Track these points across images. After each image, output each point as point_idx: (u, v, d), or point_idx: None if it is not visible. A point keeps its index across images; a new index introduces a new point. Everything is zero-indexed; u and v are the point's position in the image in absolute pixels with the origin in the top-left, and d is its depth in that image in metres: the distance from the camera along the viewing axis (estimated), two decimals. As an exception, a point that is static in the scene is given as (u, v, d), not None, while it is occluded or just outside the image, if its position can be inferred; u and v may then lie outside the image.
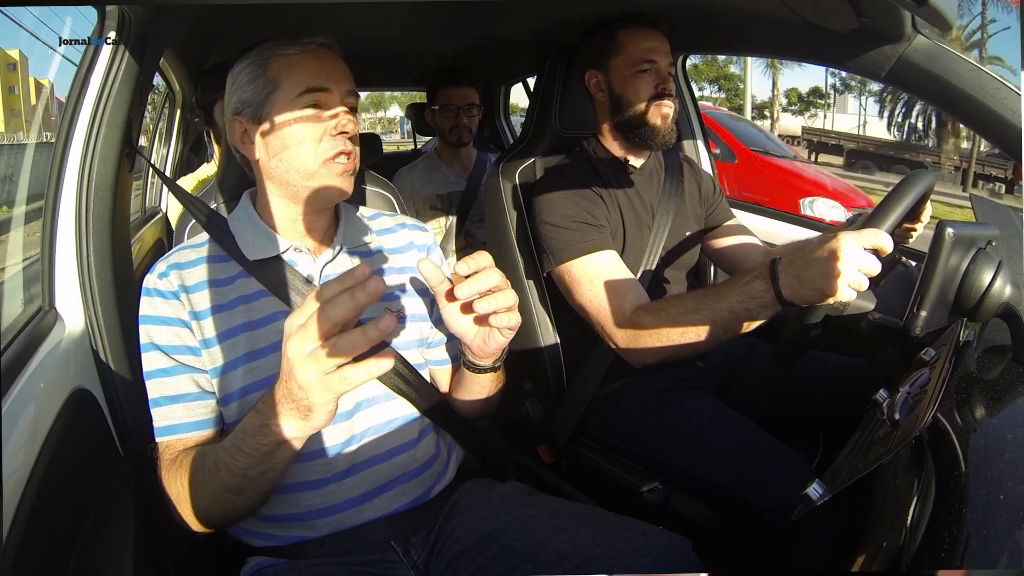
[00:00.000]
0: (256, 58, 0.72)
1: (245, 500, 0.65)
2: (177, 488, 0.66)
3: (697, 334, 0.87)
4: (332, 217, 0.80)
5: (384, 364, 0.51)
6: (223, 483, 0.63)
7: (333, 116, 0.72)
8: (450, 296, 0.65)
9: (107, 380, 0.82)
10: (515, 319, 0.64)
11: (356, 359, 0.52)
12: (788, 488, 0.81)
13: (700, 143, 1.56)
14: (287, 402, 0.56)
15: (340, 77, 0.73)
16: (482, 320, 0.66)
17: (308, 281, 0.74)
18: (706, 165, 1.54)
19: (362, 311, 0.50)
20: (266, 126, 0.72)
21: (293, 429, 0.57)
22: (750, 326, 0.84)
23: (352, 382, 0.52)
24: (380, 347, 0.72)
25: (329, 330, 0.50)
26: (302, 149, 0.71)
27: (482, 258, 0.62)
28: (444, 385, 0.83)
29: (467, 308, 0.65)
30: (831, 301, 0.73)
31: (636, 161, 1.10)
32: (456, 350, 0.81)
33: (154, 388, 0.70)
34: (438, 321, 0.82)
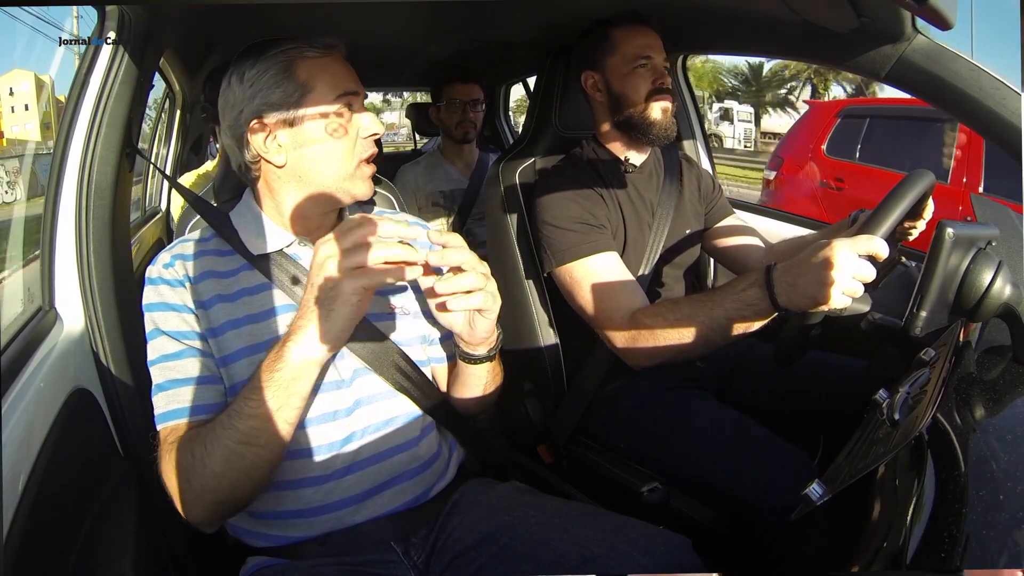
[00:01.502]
0: (275, 61, 0.71)
1: (259, 454, 0.63)
2: (173, 472, 0.64)
3: (694, 339, 0.88)
4: (336, 215, 0.80)
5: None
6: (237, 434, 0.62)
7: (363, 120, 0.74)
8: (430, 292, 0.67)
9: (107, 380, 0.83)
10: (478, 301, 0.64)
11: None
12: (788, 487, 0.81)
13: (699, 143, 1.56)
14: (309, 310, 0.62)
15: (359, 81, 0.75)
16: (444, 306, 0.66)
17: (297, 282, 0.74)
18: (705, 164, 1.54)
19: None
20: (301, 127, 0.71)
21: (312, 344, 0.62)
22: (748, 330, 0.85)
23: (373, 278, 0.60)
24: (372, 332, 0.75)
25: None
26: (341, 150, 0.72)
27: (453, 237, 0.64)
28: (444, 383, 0.83)
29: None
30: (825, 309, 0.73)
31: (636, 159, 1.11)
32: (452, 348, 0.81)
33: (159, 373, 0.70)
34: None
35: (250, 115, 0.71)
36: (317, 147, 0.72)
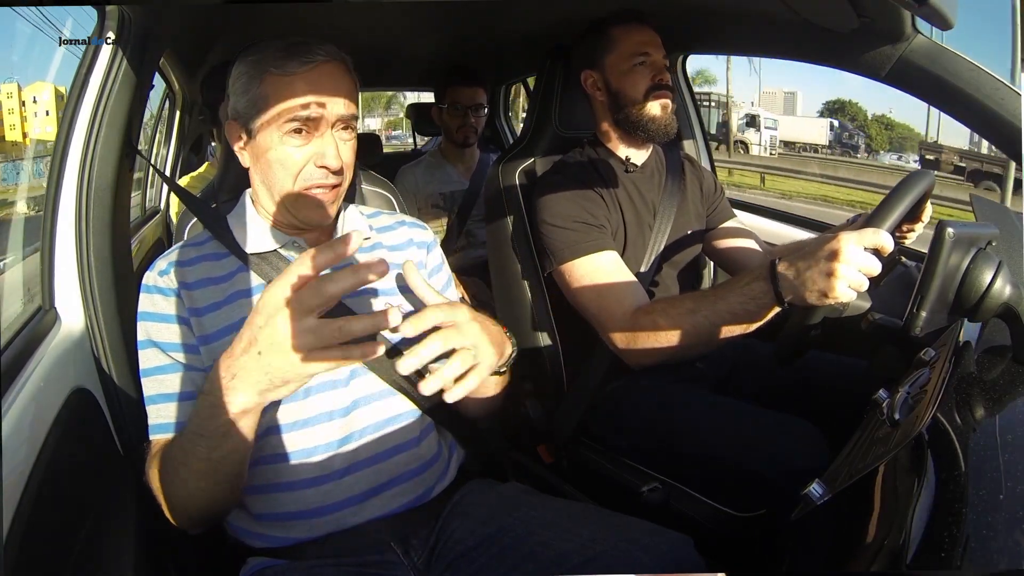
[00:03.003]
0: (251, 68, 0.70)
1: (216, 489, 0.65)
2: (156, 483, 0.67)
3: (696, 335, 0.87)
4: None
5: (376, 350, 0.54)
6: (191, 471, 0.63)
7: (319, 147, 0.70)
8: None
9: (107, 380, 0.83)
10: (472, 383, 0.64)
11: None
12: (797, 452, 0.81)
13: (700, 143, 1.56)
14: (250, 374, 0.57)
15: (335, 99, 0.69)
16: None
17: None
18: (706, 164, 1.54)
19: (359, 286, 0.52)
20: (255, 139, 0.71)
21: (247, 402, 0.59)
22: (750, 327, 0.84)
23: (345, 361, 0.55)
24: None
25: (326, 304, 0.53)
26: (282, 173, 0.71)
27: (429, 317, 0.63)
28: None
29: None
30: (830, 302, 0.73)
31: (638, 158, 1.11)
32: None
33: (150, 386, 0.71)
34: None
35: (228, 115, 0.74)
36: (265, 162, 0.71)
